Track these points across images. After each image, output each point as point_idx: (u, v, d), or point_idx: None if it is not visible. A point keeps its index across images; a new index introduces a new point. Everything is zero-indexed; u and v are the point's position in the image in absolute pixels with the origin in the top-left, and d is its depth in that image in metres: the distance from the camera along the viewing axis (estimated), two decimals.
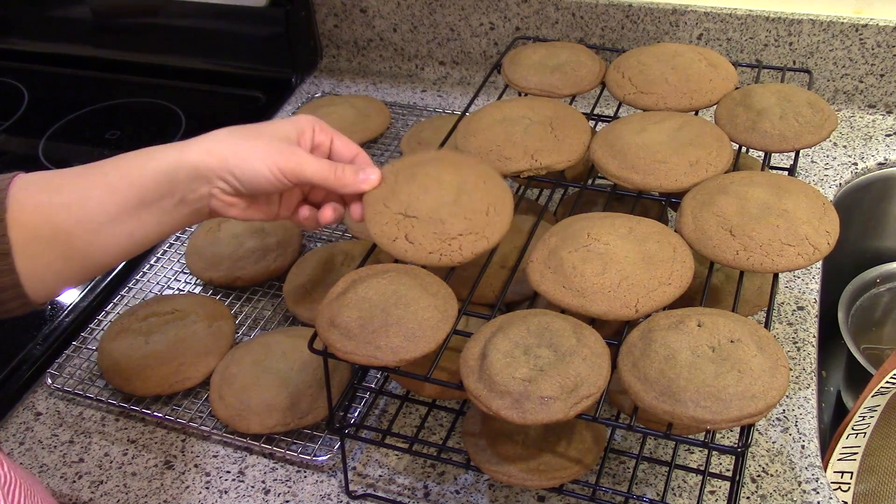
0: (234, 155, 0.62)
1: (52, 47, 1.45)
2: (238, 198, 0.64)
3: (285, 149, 0.63)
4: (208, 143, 0.63)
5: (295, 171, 0.63)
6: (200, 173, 0.62)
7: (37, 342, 0.90)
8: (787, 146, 0.77)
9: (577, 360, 0.57)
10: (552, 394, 0.55)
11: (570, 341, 0.59)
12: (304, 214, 0.68)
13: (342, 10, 1.30)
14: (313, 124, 0.67)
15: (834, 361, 1.13)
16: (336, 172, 0.65)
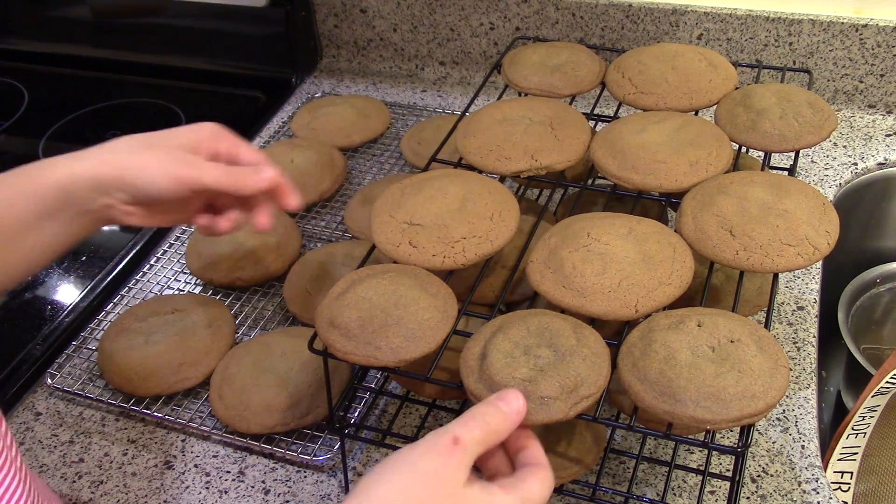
0: (131, 165, 0.62)
1: (52, 47, 1.45)
2: (137, 206, 0.64)
3: (183, 157, 0.63)
4: (105, 153, 0.63)
5: (193, 178, 0.62)
6: (98, 184, 0.62)
7: (37, 342, 0.90)
8: (787, 146, 0.77)
9: (576, 360, 0.57)
10: (552, 394, 0.55)
11: (570, 341, 0.58)
12: (201, 222, 0.68)
13: (342, 10, 1.30)
14: (213, 132, 0.67)
15: (834, 361, 1.13)
16: (235, 176, 0.64)
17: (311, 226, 1.03)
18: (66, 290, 0.98)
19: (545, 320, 0.61)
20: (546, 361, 0.57)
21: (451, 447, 0.48)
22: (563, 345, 0.58)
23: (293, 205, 0.67)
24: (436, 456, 0.47)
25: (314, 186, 1.04)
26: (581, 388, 0.56)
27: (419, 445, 0.48)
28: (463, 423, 0.49)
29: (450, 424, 0.50)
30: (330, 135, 1.14)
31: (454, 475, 0.47)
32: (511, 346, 0.59)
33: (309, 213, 1.05)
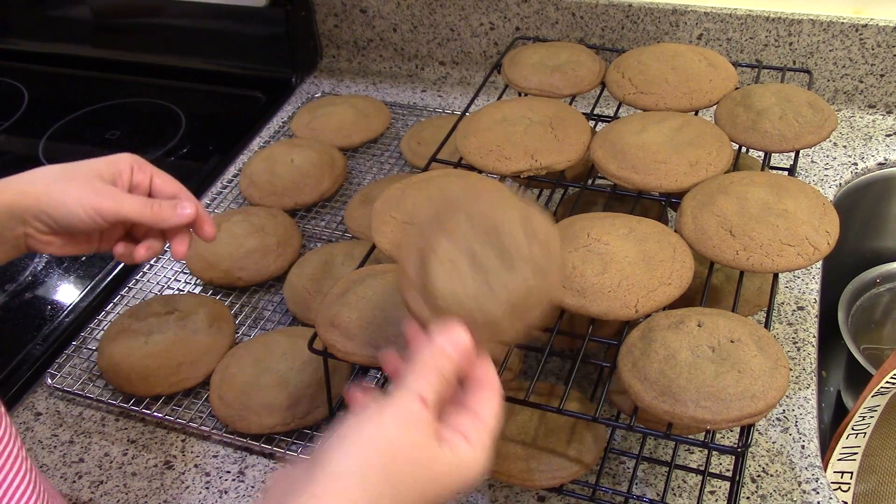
0: (48, 195, 0.62)
1: (52, 47, 1.45)
2: (55, 236, 0.65)
3: (101, 188, 0.64)
4: (22, 183, 0.64)
5: (112, 210, 0.63)
6: (15, 213, 0.62)
7: (37, 342, 0.90)
8: (787, 146, 0.77)
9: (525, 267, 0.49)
10: (499, 316, 0.49)
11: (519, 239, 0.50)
12: (119, 251, 0.68)
13: (342, 10, 1.30)
14: (131, 163, 0.67)
15: (834, 361, 1.13)
16: (153, 208, 0.65)
17: (311, 226, 1.03)
18: (66, 290, 0.98)
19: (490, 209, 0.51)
20: (491, 271, 0.49)
21: (422, 410, 0.45)
22: (511, 248, 0.50)
23: (210, 235, 0.69)
24: (412, 425, 0.44)
25: (314, 186, 1.04)
26: (531, 306, 0.50)
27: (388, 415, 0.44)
28: (422, 377, 0.46)
29: (408, 380, 0.46)
30: (330, 135, 1.14)
31: (429, 441, 0.45)
32: (453, 250, 0.50)
33: (309, 213, 1.05)
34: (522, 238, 0.50)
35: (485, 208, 0.51)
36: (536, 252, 0.50)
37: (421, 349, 0.47)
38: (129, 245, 0.68)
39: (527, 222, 0.51)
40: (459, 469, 0.45)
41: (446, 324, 0.48)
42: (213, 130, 1.25)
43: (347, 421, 0.45)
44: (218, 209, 1.07)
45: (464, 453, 0.45)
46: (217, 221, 0.98)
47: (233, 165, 1.16)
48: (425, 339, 0.48)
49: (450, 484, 0.45)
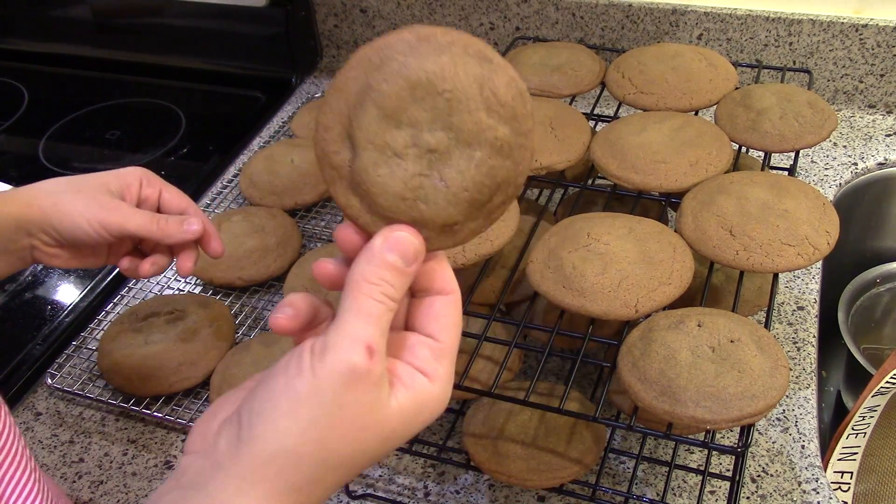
0: (55, 208, 0.62)
1: (52, 47, 1.45)
2: (61, 249, 0.64)
3: (108, 203, 0.63)
4: (29, 195, 0.64)
5: (118, 225, 0.63)
6: (21, 225, 0.62)
7: (37, 342, 0.90)
8: (787, 146, 0.77)
9: (486, 149, 0.39)
10: (458, 218, 0.40)
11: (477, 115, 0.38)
12: (124, 266, 0.68)
13: (342, 10, 1.30)
14: (140, 177, 0.67)
15: (834, 361, 1.13)
16: (159, 224, 0.65)
17: (311, 226, 1.03)
18: (66, 290, 0.98)
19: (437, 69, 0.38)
20: (443, 156, 0.38)
21: (370, 364, 0.36)
22: (466, 123, 0.38)
23: (217, 252, 0.68)
24: (355, 384, 0.36)
25: (314, 186, 1.04)
26: (496, 195, 0.40)
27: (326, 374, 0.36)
28: (364, 314, 0.37)
29: (347, 321, 0.37)
30: None
31: (377, 399, 0.37)
32: (390, 129, 0.38)
33: (309, 213, 1.05)
34: (481, 108, 0.38)
35: (430, 68, 0.37)
36: (500, 126, 0.39)
37: (360, 262, 0.38)
38: (135, 260, 0.68)
39: (487, 84, 0.38)
40: (420, 414, 0.39)
41: (390, 228, 0.39)
42: (213, 130, 1.25)
43: (277, 381, 0.37)
44: (218, 209, 1.07)
45: (424, 393, 0.39)
46: (217, 221, 0.98)
47: (233, 165, 1.16)
48: (365, 247, 0.39)
49: (409, 431, 0.39)
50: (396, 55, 0.38)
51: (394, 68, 0.38)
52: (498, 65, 0.39)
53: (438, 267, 0.41)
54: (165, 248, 0.68)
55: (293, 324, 0.40)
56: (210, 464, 0.37)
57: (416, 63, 0.37)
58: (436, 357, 0.40)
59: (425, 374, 0.39)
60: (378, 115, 0.38)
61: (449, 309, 0.41)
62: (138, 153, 1.21)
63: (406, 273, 0.39)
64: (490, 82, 0.38)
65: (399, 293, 0.38)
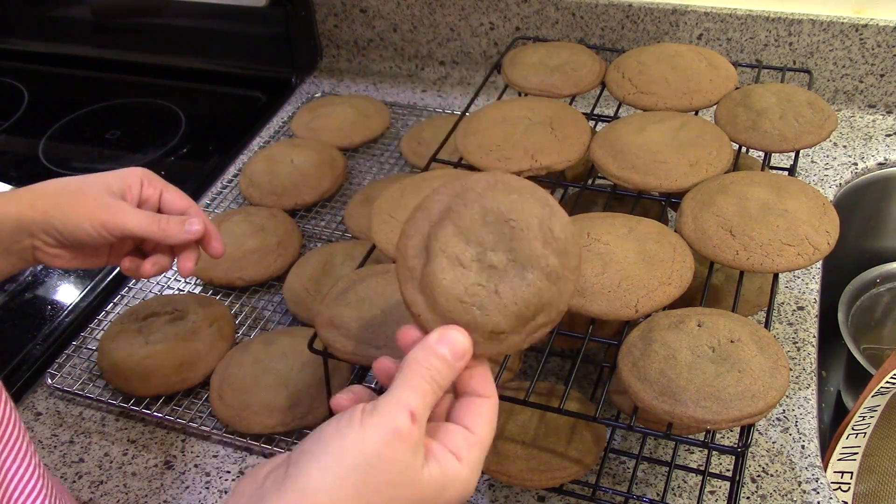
0: (57, 209, 0.62)
1: (52, 47, 1.45)
2: (62, 249, 0.64)
3: (109, 203, 0.63)
4: (32, 195, 0.64)
5: (118, 225, 0.63)
6: (22, 226, 0.62)
7: (37, 342, 0.90)
8: (787, 146, 0.77)
9: (537, 274, 0.46)
10: (506, 328, 0.46)
11: (535, 244, 0.46)
12: (125, 266, 0.68)
13: (342, 10, 1.30)
14: (142, 177, 0.67)
15: (834, 361, 1.13)
16: (160, 225, 0.65)
17: (311, 226, 1.03)
18: (66, 290, 0.98)
19: (507, 203, 0.47)
20: (500, 273, 0.46)
21: (410, 426, 0.41)
22: (524, 249, 0.46)
23: (217, 252, 0.68)
24: (396, 443, 0.41)
25: (314, 186, 1.04)
26: (539, 315, 0.47)
27: (371, 429, 0.41)
28: (412, 388, 0.42)
29: (398, 390, 0.42)
30: (330, 135, 1.14)
31: (412, 461, 0.41)
32: (461, 244, 0.46)
33: (309, 213, 1.05)
34: (538, 239, 0.46)
35: (501, 201, 0.46)
36: (552, 256, 0.46)
37: (416, 350, 0.44)
38: (136, 260, 0.68)
39: (546, 222, 0.46)
40: (446, 489, 0.43)
41: (445, 326, 0.45)
42: (213, 130, 1.25)
43: (329, 427, 0.42)
44: (218, 209, 1.07)
45: (453, 471, 0.43)
46: (217, 221, 0.98)
47: (233, 165, 1.16)
48: (421, 340, 0.45)
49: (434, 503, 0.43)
50: (477, 188, 0.47)
51: (472, 198, 0.47)
52: (557, 209, 0.47)
53: (482, 372, 0.46)
54: (167, 248, 0.68)
55: (351, 404, 0.45)
56: (255, 498, 0.41)
57: (491, 196, 0.46)
58: (468, 445, 0.44)
59: (457, 456, 0.44)
60: (453, 231, 0.46)
61: (486, 409, 0.46)
62: (138, 153, 1.21)
63: (453, 367, 0.44)
64: (549, 221, 0.46)
65: (445, 381, 0.44)
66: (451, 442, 0.44)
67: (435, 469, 0.42)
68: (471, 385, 0.46)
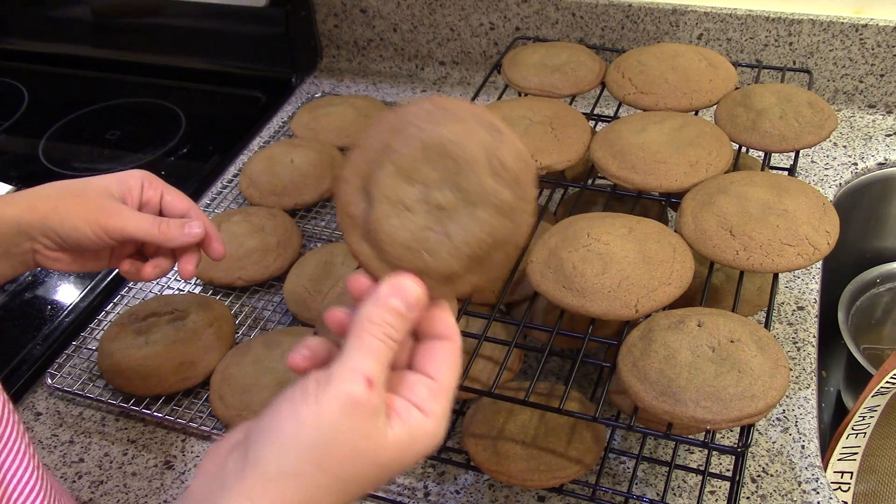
0: (56, 212, 0.62)
1: (52, 47, 1.45)
2: (63, 253, 0.64)
3: (108, 206, 0.63)
4: (32, 198, 0.63)
5: (118, 228, 0.63)
6: (22, 229, 0.62)
7: (37, 342, 0.90)
8: (787, 146, 0.77)
9: (489, 212, 0.43)
10: (458, 269, 0.43)
11: (483, 178, 0.42)
12: (125, 268, 0.68)
13: (342, 10, 1.30)
14: (142, 180, 0.67)
15: (834, 361, 1.13)
16: (160, 227, 0.64)
17: (311, 226, 1.03)
18: (66, 290, 0.98)
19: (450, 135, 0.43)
20: (449, 213, 0.43)
21: (367, 392, 0.39)
22: (473, 185, 0.42)
23: (218, 254, 0.68)
24: (354, 413, 0.39)
25: (314, 186, 1.04)
26: (496, 252, 0.44)
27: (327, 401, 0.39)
28: (366, 350, 0.40)
29: (350, 356, 0.40)
30: (330, 135, 1.14)
31: (374, 428, 0.40)
32: (403, 185, 0.43)
33: (309, 213, 1.05)
34: (487, 172, 0.42)
35: (443, 134, 0.42)
36: (503, 190, 0.42)
37: (366, 306, 0.42)
38: (136, 263, 0.67)
39: (494, 152, 0.42)
40: (413, 445, 0.41)
41: (396, 275, 0.42)
42: (213, 130, 1.25)
43: (283, 406, 0.40)
44: (218, 209, 1.07)
45: (418, 427, 0.41)
46: (217, 221, 0.98)
47: (233, 165, 1.16)
48: (371, 292, 0.42)
49: (402, 463, 0.41)
50: (415, 121, 0.43)
51: (412, 132, 0.42)
52: (506, 136, 0.43)
53: (441, 314, 0.44)
54: (167, 251, 0.68)
55: (309, 364, 0.43)
56: (218, 485, 0.40)
57: (431, 128, 0.42)
58: (432, 395, 0.42)
59: (421, 409, 0.42)
60: (393, 172, 0.42)
61: (448, 353, 0.44)
62: (138, 153, 1.21)
63: (407, 317, 0.42)
64: (497, 150, 0.42)
65: (400, 335, 0.42)
66: (414, 394, 0.42)
67: (399, 428, 0.41)
68: (431, 328, 0.44)
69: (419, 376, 0.43)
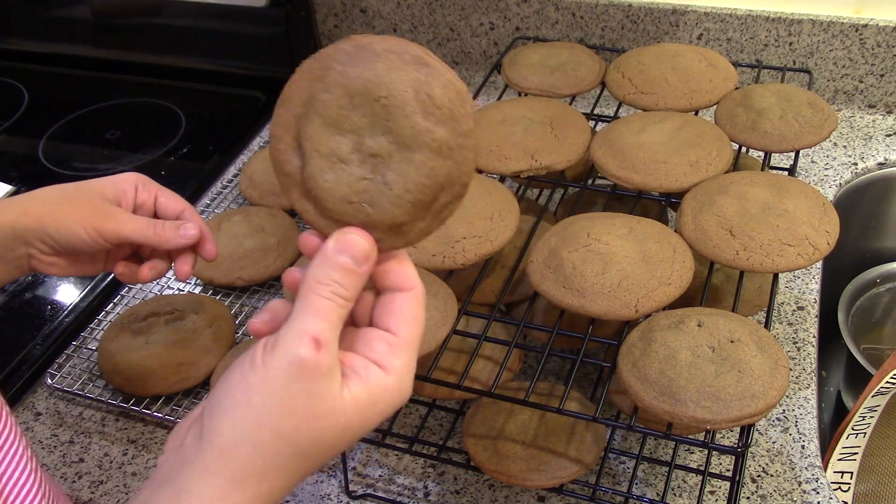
0: (51, 216, 0.62)
1: (52, 47, 1.45)
2: (58, 257, 0.64)
3: (103, 209, 0.63)
4: (26, 203, 0.63)
5: (113, 231, 0.63)
6: (17, 234, 0.62)
7: (37, 342, 0.90)
8: (787, 146, 0.77)
9: (426, 153, 0.40)
10: (405, 219, 0.41)
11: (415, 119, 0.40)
12: (119, 270, 0.67)
13: (342, 10, 1.30)
14: (136, 183, 0.67)
15: (834, 361, 1.13)
16: (155, 229, 0.64)
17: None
18: (66, 290, 0.98)
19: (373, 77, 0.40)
20: (385, 160, 0.40)
21: (317, 356, 0.38)
22: (404, 128, 0.40)
23: (211, 255, 0.68)
24: (304, 376, 0.38)
25: None
26: (441, 194, 0.41)
27: (276, 366, 0.38)
28: (313, 311, 0.39)
29: (297, 318, 0.39)
30: None
31: (327, 390, 0.39)
32: (333, 137, 0.41)
33: None
34: (418, 112, 0.39)
35: (366, 76, 0.40)
36: (437, 129, 0.40)
37: (313, 265, 0.40)
38: (131, 265, 0.67)
39: (423, 89, 0.39)
40: (375, 405, 0.40)
41: (341, 230, 0.41)
42: (213, 130, 1.25)
43: (233, 375, 0.40)
44: (218, 209, 1.07)
45: (379, 385, 0.40)
46: (217, 221, 0.98)
47: (233, 165, 1.16)
48: (318, 250, 0.41)
49: (366, 423, 0.40)
50: (335, 65, 0.40)
51: (333, 78, 0.40)
52: (435, 68, 0.40)
53: (398, 265, 0.42)
54: (163, 252, 0.68)
55: (270, 328, 0.42)
56: (179, 459, 0.40)
57: (353, 72, 0.40)
58: (392, 351, 0.41)
59: (381, 366, 0.40)
60: (322, 125, 0.40)
61: (408, 304, 0.42)
62: (138, 153, 1.21)
63: (358, 273, 0.41)
64: (426, 86, 0.39)
65: (351, 292, 0.40)
66: (373, 351, 0.41)
67: (358, 388, 0.40)
68: (388, 280, 0.42)
69: (378, 332, 0.42)
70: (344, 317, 0.40)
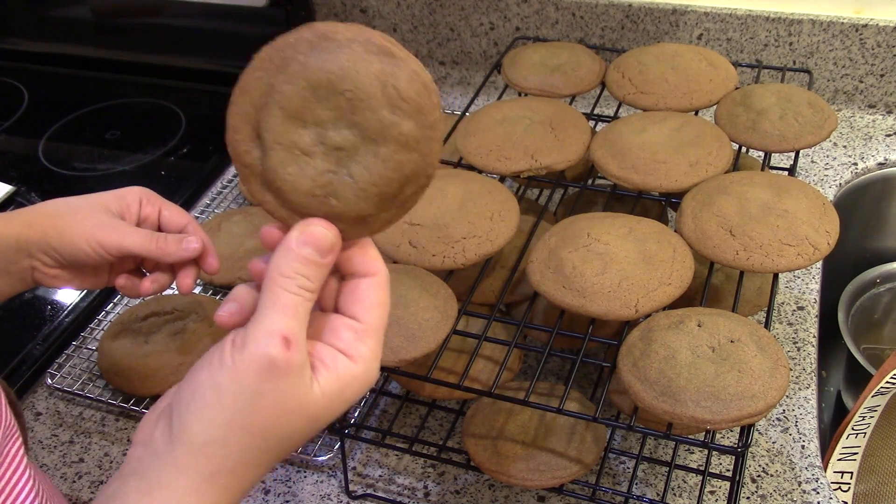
0: (54, 228, 0.62)
1: (52, 47, 1.45)
2: (62, 269, 0.64)
3: (106, 222, 0.63)
4: (30, 216, 0.63)
5: (116, 244, 0.63)
6: (21, 246, 0.62)
7: (37, 342, 0.90)
8: (787, 146, 0.77)
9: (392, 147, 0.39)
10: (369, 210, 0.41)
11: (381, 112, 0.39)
12: (121, 283, 0.67)
13: (342, 10, 1.30)
14: (140, 196, 0.67)
15: (834, 361, 1.13)
16: (158, 243, 0.64)
17: None
18: (66, 290, 0.98)
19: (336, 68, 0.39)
20: (350, 153, 0.40)
21: (287, 354, 0.38)
22: (370, 121, 0.39)
23: (213, 269, 0.68)
24: (274, 374, 0.38)
25: None
26: (407, 186, 0.41)
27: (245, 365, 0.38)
28: (281, 308, 0.39)
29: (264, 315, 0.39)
30: None
31: (297, 387, 0.39)
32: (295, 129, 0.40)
33: None
34: (384, 105, 0.38)
35: (329, 68, 0.38)
36: (404, 122, 0.39)
37: (277, 257, 0.40)
38: (133, 278, 0.67)
39: (389, 81, 0.38)
40: (343, 393, 0.41)
41: (305, 221, 0.40)
42: (213, 130, 1.25)
43: (202, 374, 0.39)
44: (218, 209, 1.07)
45: (347, 374, 0.40)
46: (217, 221, 0.98)
47: (232, 165, 1.16)
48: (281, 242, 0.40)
49: (333, 412, 0.41)
50: (297, 55, 0.39)
51: (295, 69, 0.39)
52: (401, 59, 0.39)
53: (361, 251, 0.42)
54: (166, 265, 0.68)
55: (237, 319, 0.42)
56: (149, 453, 0.40)
57: (316, 63, 0.38)
58: (358, 338, 0.41)
59: (347, 355, 0.41)
60: (282, 116, 0.39)
61: (373, 290, 0.42)
62: (138, 153, 1.21)
63: (322, 265, 0.40)
64: (392, 78, 0.38)
65: (316, 284, 0.40)
66: (339, 340, 0.41)
67: (326, 379, 0.40)
68: (352, 266, 0.42)
69: (343, 319, 0.42)
70: (310, 308, 0.41)
